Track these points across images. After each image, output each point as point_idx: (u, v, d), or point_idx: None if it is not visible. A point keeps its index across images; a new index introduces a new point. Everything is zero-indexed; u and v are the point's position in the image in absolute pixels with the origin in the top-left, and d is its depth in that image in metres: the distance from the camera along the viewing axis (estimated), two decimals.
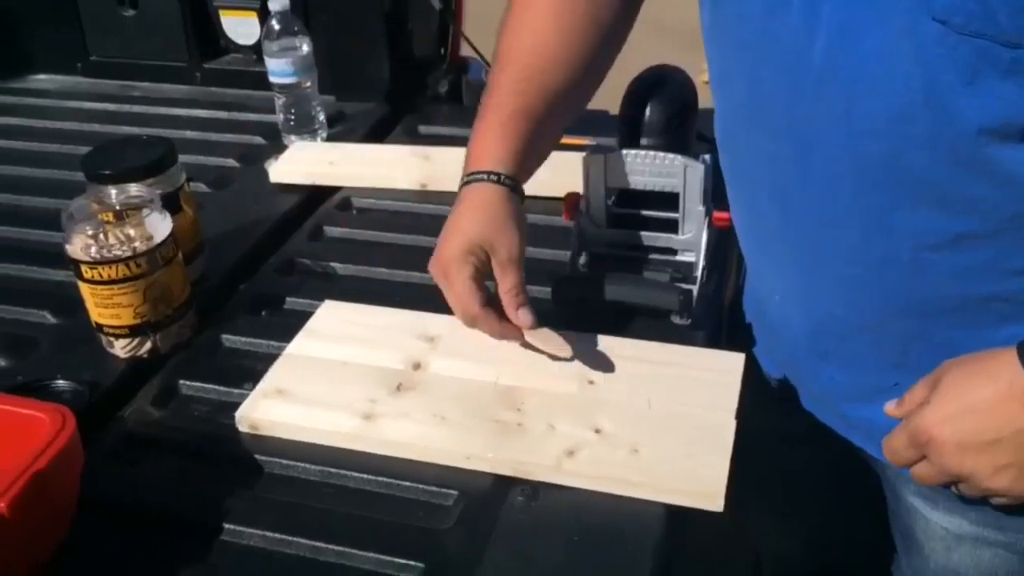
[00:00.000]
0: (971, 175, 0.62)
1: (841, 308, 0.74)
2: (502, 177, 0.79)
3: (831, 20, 0.62)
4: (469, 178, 0.80)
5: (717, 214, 0.91)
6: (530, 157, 0.82)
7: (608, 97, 1.29)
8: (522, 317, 0.77)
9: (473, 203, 0.79)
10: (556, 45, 0.82)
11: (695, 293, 0.90)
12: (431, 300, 0.93)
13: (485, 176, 0.79)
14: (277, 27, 1.24)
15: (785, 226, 0.74)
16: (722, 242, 0.96)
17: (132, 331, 0.86)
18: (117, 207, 0.87)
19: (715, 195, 0.91)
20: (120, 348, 0.88)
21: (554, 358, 0.80)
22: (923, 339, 0.72)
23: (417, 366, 0.84)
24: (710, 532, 0.75)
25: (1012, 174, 0.61)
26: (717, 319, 0.93)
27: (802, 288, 0.76)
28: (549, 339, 0.79)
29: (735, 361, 0.82)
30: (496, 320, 0.78)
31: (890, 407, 0.71)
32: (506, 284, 0.77)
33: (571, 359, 0.79)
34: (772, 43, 0.66)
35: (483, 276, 0.78)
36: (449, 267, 0.78)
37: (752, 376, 0.82)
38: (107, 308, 0.85)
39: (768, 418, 0.93)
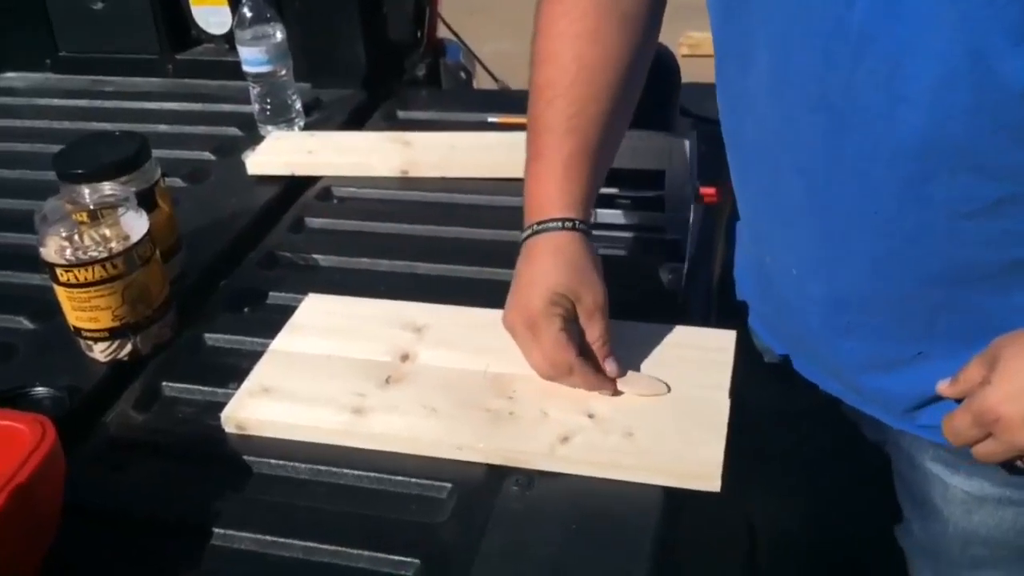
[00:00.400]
0: (1012, 140, 0.61)
1: (868, 281, 0.73)
2: (576, 223, 0.77)
3: None
4: (540, 227, 0.77)
5: (703, 190, 0.90)
6: (594, 195, 0.80)
7: None
8: (609, 367, 0.75)
9: (549, 252, 0.76)
10: (600, 69, 0.78)
11: (684, 271, 0.89)
12: (416, 289, 0.92)
13: (560, 224, 0.76)
14: (249, 15, 1.22)
15: (810, 199, 0.73)
16: (708, 219, 0.95)
17: (111, 334, 0.85)
18: (91, 207, 0.85)
19: (702, 172, 0.90)
20: (100, 352, 0.86)
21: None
22: (951, 308, 0.71)
23: (405, 357, 0.82)
24: (706, 511, 0.74)
25: None
26: (707, 296, 0.92)
27: (825, 262, 0.75)
28: (639, 382, 0.77)
29: (727, 339, 0.81)
30: (592, 371, 0.75)
31: (944, 386, 0.71)
32: (594, 333, 0.75)
33: (668, 392, 0.76)
34: (804, 11, 0.65)
35: (571, 327, 0.75)
36: (537, 320, 0.74)
37: (748, 353, 0.81)
38: (85, 311, 0.83)
39: (766, 395, 0.92)
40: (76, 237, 0.83)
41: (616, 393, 0.76)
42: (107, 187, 0.87)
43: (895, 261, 0.70)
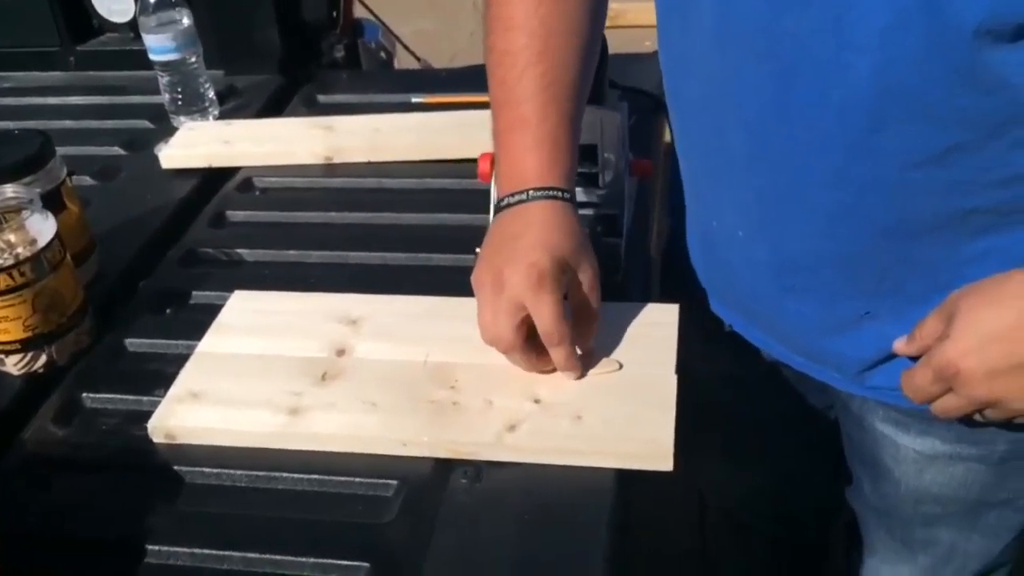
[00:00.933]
0: (963, 84, 0.60)
1: (816, 239, 0.72)
2: (570, 195, 0.74)
3: None
4: (539, 193, 0.73)
5: (636, 163, 0.89)
6: (576, 168, 0.77)
7: None
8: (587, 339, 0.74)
9: (551, 218, 0.72)
10: (568, 34, 0.76)
11: (623, 246, 0.87)
12: (349, 280, 0.89)
13: (560, 194, 0.73)
14: (153, 0, 1.16)
15: (757, 155, 0.71)
16: (643, 192, 0.93)
17: (24, 345, 0.79)
18: None
19: (634, 144, 0.88)
20: (12, 365, 0.81)
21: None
22: (900, 263, 0.70)
23: (341, 352, 0.79)
24: (657, 487, 0.73)
25: (1003, 78, 0.59)
26: (646, 271, 0.91)
27: (772, 221, 0.74)
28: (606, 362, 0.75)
29: (669, 312, 0.80)
30: (574, 350, 0.72)
31: (900, 344, 0.71)
32: (592, 305, 0.73)
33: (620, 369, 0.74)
34: None
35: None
36: (544, 282, 0.69)
37: (695, 324, 0.80)
38: None
39: (714, 366, 0.91)
40: None
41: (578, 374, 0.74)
42: (8, 189, 0.82)
43: (845, 216, 0.69)
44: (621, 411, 0.71)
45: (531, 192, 0.73)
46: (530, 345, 0.72)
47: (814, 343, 0.79)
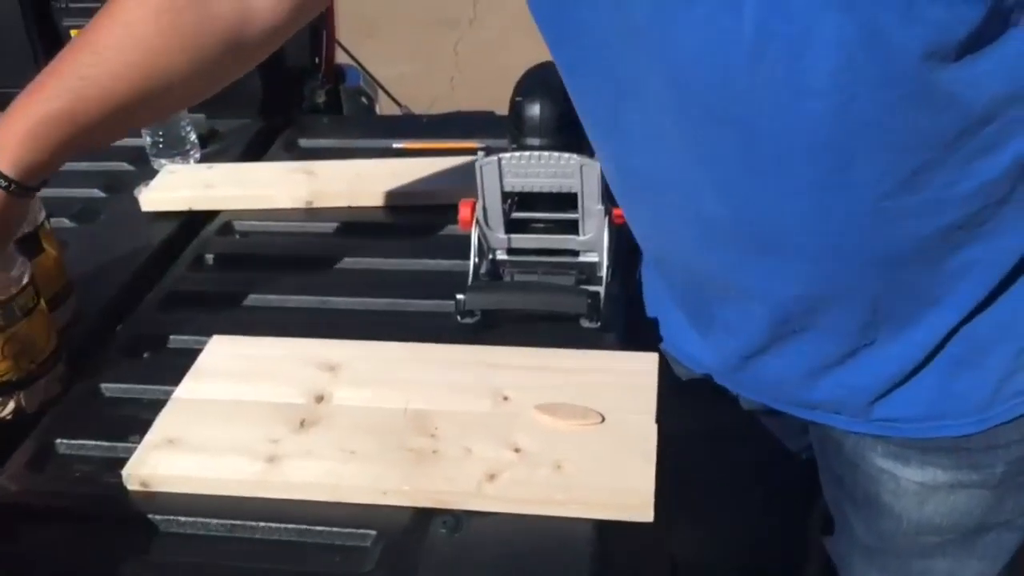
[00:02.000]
0: (916, 107, 0.62)
1: (805, 286, 0.73)
2: (11, 185, 0.73)
3: None
4: None
5: (617, 211, 0.89)
6: (59, 160, 0.76)
7: (495, 99, 1.26)
8: None
9: None
10: (148, 50, 0.75)
11: (602, 294, 0.88)
12: (329, 325, 0.89)
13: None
14: None
15: (734, 215, 0.72)
16: (623, 239, 0.94)
17: None
18: None
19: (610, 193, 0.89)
20: None
21: None
22: (892, 289, 0.72)
23: (320, 398, 0.78)
24: (630, 541, 0.73)
25: (952, 95, 0.62)
26: (626, 318, 0.92)
27: (761, 275, 0.75)
28: (571, 411, 0.74)
29: (649, 361, 0.81)
30: None
31: None
32: None
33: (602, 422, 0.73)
34: (694, 29, 0.64)
35: None
36: None
37: (667, 376, 0.80)
38: None
39: (683, 416, 0.92)
40: None
41: None
42: None
43: (830, 256, 0.71)
44: (601, 461, 0.71)
45: None
46: None
47: (808, 386, 0.80)
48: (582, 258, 0.92)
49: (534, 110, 0.89)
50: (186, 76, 0.78)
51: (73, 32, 1.37)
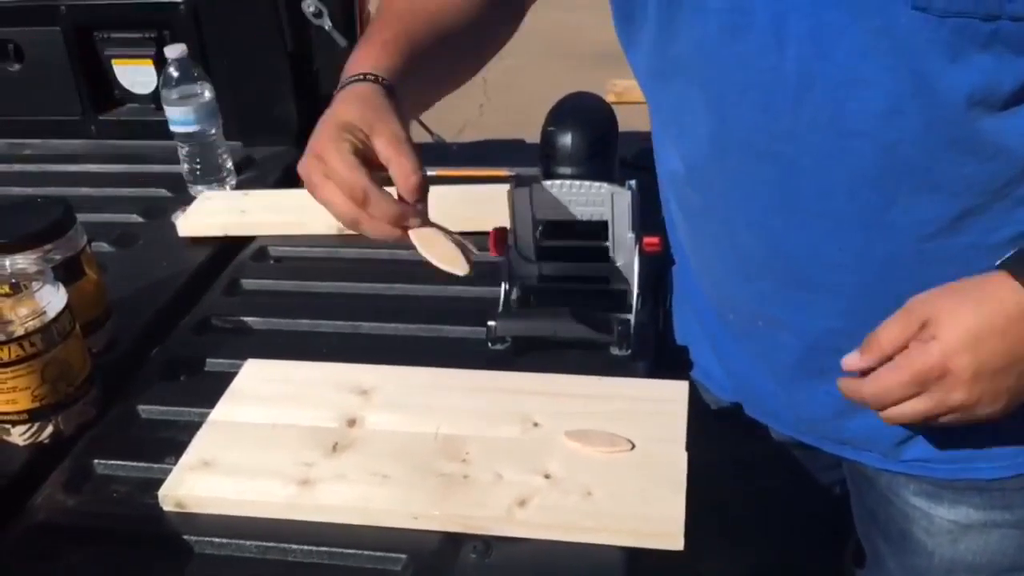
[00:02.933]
0: (963, 153, 0.63)
1: (841, 320, 0.73)
2: (380, 78, 0.73)
3: (799, 29, 0.62)
4: (344, 82, 0.74)
5: (647, 239, 0.90)
6: (411, 79, 0.75)
7: (523, 125, 1.28)
8: (422, 208, 0.69)
9: (345, 98, 0.72)
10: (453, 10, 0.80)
11: (632, 322, 0.88)
12: (361, 350, 0.90)
13: (362, 77, 0.72)
14: (176, 74, 1.19)
15: (771, 251, 0.73)
16: (653, 268, 0.95)
17: (31, 415, 0.80)
18: (13, 280, 0.81)
19: (643, 220, 0.89)
20: (18, 436, 0.81)
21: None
22: None
23: (352, 422, 0.79)
24: (660, 569, 0.72)
25: (1000, 144, 0.62)
26: (655, 347, 0.92)
27: (796, 309, 0.75)
28: (601, 438, 0.74)
29: (679, 390, 0.81)
30: (393, 200, 0.67)
31: (853, 360, 0.69)
32: (403, 169, 0.67)
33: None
34: (737, 66, 0.66)
35: (364, 159, 0.68)
36: (325, 149, 0.68)
37: (695, 403, 0.80)
38: (1, 393, 0.78)
39: (714, 445, 0.91)
40: None
41: (420, 242, 0.70)
42: (20, 260, 0.83)
43: (867, 295, 0.71)
44: (631, 488, 0.71)
45: (345, 82, 0.74)
46: (384, 194, 0.68)
47: (842, 422, 0.79)
48: (612, 286, 0.93)
49: (566, 139, 0.90)
50: (485, 21, 0.82)
51: (114, 61, 1.40)
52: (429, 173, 1.29)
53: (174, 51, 1.19)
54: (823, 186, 0.67)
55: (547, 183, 0.89)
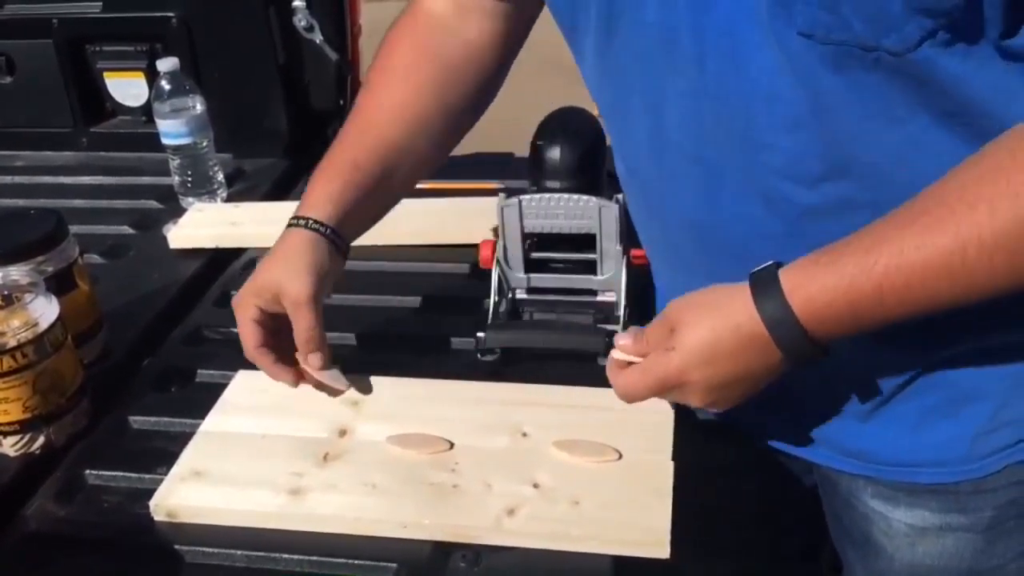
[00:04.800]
0: (866, 164, 0.65)
1: None
2: (317, 224, 0.81)
3: (717, 46, 0.65)
4: (290, 222, 0.82)
5: (634, 252, 0.91)
6: (357, 208, 0.83)
7: (513, 139, 1.29)
8: (312, 360, 0.80)
9: (280, 247, 0.81)
10: (403, 105, 0.85)
11: (620, 333, 0.89)
12: (350, 361, 0.90)
13: (304, 223, 0.81)
14: (167, 87, 1.20)
15: (701, 249, 0.75)
16: (640, 280, 0.96)
17: (23, 426, 0.80)
18: (5, 291, 0.81)
19: (631, 233, 0.91)
20: (9, 446, 0.81)
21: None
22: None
23: (343, 432, 0.80)
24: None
25: (900, 153, 0.64)
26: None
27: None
28: (588, 448, 0.77)
29: (665, 401, 0.82)
30: (270, 361, 0.80)
31: (625, 342, 0.73)
32: (299, 326, 0.78)
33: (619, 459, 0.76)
34: (668, 75, 0.68)
35: (268, 318, 0.80)
36: (237, 307, 0.81)
37: (682, 414, 0.81)
38: None
39: (701, 456, 0.92)
40: None
41: (318, 386, 0.82)
42: (13, 272, 0.84)
43: None
44: (618, 497, 0.72)
45: (292, 220, 0.82)
46: (267, 356, 0.80)
47: (794, 423, 0.81)
48: (600, 298, 0.94)
49: (554, 153, 0.91)
50: (438, 120, 0.86)
51: (106, 74, 1.41)
52: (419, 186, 1.31)
53: (166, 64, 1.20)
54: (741, 193, 0.69)
55: (536, 196, 0.90)
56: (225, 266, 1.11)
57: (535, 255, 0.94)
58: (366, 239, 1.12)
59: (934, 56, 0.58)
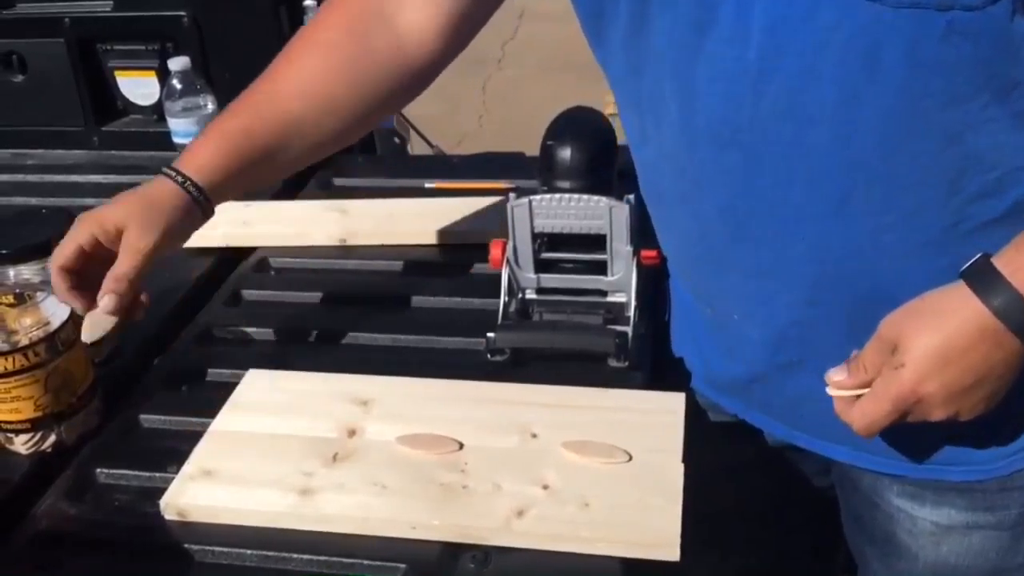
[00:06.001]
0: (917, 143, 0.64)
1: (804, 311, 0.74)
2: (191, 185, 0.80)
3: (762, 22, 0.64)
4: (164, 170, 0.82)
5: (645, 252, 0.91)
6: (240, 176, 0.83)
7: (523, 138, 1.29)
8: (106, 300, 0.78)
9: (146, 192, 0.81)
10: (313, 82, 0.84)
11: (630, 334, 0.89)
12: (361, 361, 0.90)
13: (181, 180, 0.80)
14: (179, 86, 1.20)
15: (736, 239, 0.74)
16: (651, 280, 0.95)
17: (34, 425, 0.81)
18: (17, 290, 0.82)
19: (641, 234, 0.90)
20: (21, 444, 0.82)
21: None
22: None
23: (352, 433, 0.80)
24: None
25: (953, 133, 0.63)
26: (652, 359, 0.93)
27: (761, 300, 0.76)
28: (598, 449, 0.76)
29: (676, 401, 0.82)
30: (66, 287, 0.78)
31: (839, 379, 0.70)
32: (118, 268, 0.78)
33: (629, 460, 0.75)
34: (704, 58, 0.67)
35: (97, 245, 0.79)
36: (77, 222, 0.80)
37: (692, 410, 0.81)
38: (4, 403, 0.79)
39: (711, 457, 0.92)
40: None
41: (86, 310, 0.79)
42: (25, 271, 0.84)
43: (827, 286, 0.72)
44: (628, 499, 0.72)
45: (164, 168, 0.82)
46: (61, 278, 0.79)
47: (819, 419, 0.80)
48: (610, 298, 0.93)
49: (565, 153, 0.91)
50: (347, 103, 0.85)
51: (117, 73, 1.42)
52: (429, 185, 1.31)
53: (177, 63, 1.20)
54: (782, 175, 0.68)
55: (546, 196, 0.90)
56: (236, 265, 1.12)
57: (545, 255, 0.93)
58: (375, 238, 1.13)
59: (1009, 15, 0.57)
